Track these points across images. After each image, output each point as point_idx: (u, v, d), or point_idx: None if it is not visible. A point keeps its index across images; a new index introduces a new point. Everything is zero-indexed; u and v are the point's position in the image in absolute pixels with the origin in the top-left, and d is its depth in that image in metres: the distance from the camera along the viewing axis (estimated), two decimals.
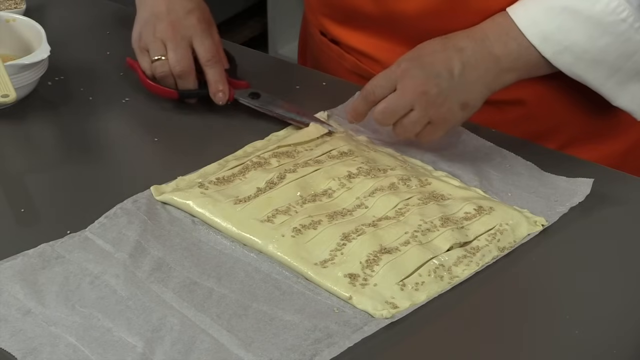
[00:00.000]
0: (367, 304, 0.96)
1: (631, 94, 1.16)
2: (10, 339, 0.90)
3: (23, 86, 1.22)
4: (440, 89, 1.11)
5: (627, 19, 1.10)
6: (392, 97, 1.12)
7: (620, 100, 1.16)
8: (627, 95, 1.16)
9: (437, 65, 1.11)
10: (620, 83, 1.14)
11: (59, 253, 1.00)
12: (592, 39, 1.11)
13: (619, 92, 1.16)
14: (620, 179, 1.17)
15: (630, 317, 0.98)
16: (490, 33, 1.13)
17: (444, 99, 1.11)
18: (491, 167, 1.17)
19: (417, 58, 1.12)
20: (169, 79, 1.22)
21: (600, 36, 1.11)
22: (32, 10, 1.42)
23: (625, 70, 1.13)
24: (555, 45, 1.12)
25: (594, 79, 1.14)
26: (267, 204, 1.06)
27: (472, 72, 1.12)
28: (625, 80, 1.14)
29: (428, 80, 1.11)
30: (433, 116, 1.12)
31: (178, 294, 0.96)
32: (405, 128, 1.13)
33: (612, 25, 1.10)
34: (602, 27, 1.11)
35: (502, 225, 1.06)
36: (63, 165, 1.16)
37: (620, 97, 1.16)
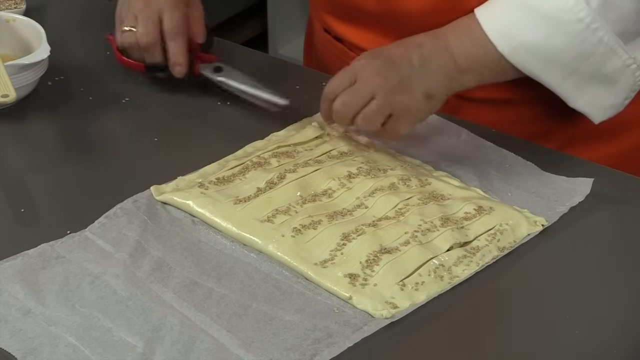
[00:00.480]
0: (367, 304, 0.96)
1: (588, 97, 1.14)
2: (10, 339, 0.90)
3: (23, 86, 1.22)
4: (400, 77, 1.10)
5: (584, 19, 1.08)
6: (352, 88, 1.11)
7: (578, 102, 1.15)
8: (584, 98, 1.14)
9: (396, 58, 1.11)
10: (577, 84, 1.13)
11: (59, 253, 1.00)
12: (547, 38, 1.10)
13: (576, 94, 1.14)
14: (620, 179, 1.17)
15: (630, 317, 0.98)
16: (449, 32, 1.12)
17: (406, 86, 1.10)
18: (491, 167, 1.17)
19: (376, 53, 1.12)
20: (137, 52, 1.24)
21: (556, 35, 1.09)
22: (32, 10, 1.42)
23: (582, 72, 1.12)
24: (512, 41, 1.10)
25: (550, 78, 1.13)
26: (267, 204, 1.06)
27: (431, 64, 1.11)
28: (582, 83, 1.13)
29: (388, 69, 1.10)
30: (395, 105, 1.10)
31: (178, 294, 0.96)
32: (367, 118, 1.11)
33: (568, 24, 1.09)
34: (558, 26, 1.09)
35: (502, 225, 1.06)
36: (63, 165, 1.16)
37: (577, 99, 1.15)
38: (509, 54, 1.11)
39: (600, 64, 1.11)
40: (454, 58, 1.11)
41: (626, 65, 1.12)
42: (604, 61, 1.11)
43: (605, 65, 1.11)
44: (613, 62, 1.11)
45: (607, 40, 1.09)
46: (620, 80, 1.13)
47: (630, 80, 1.14)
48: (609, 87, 1.14)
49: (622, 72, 1.12)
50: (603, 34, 1.09)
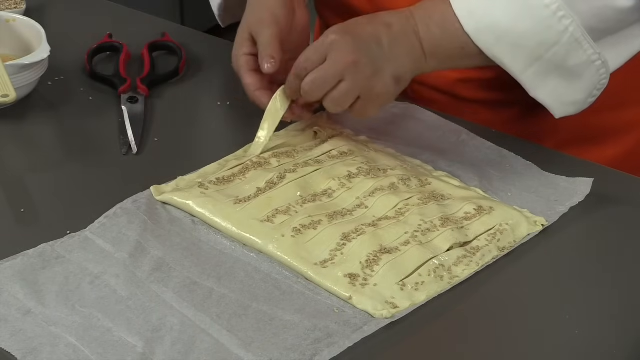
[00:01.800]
0: (367, 304, 0.96)
1: (550, 88, 1.13)
2: (10, 339, 0.90)
3: (23, 86, 1.22)
4: (370, 59, 1.08)
5: (551, 5, 1.07)
6: (322, 67, 1.09)
7: (539, 92, 1.13)
8: (546, 89, 1.13)
9: (366, 37, 1.09)
10: (540, 74, 1.11)
11: (59, 253, 1.00)
12: (514, 21, 1.08)
13: (537, 83, 1.12)
14: (620, 179, 1.17)
15: (630, 317, 0.98)
16: (416, 14, 1.11)
17: (375, 69, 1.09)
18: (491, 167, 1.17)
19: (346, 30, 1.10)
20: None
21: (522, 18, 1.08)
22: (32, 10, 1.42)
23: (545, 61, 1.10)
24: (479, 22, 1.09)
25: (513, 64, 1.11)
26: (267, 204, 1.06)
27: (398, 47, 1.10)
28: (544, 72, 1.11)
29: (358, 50, 1.08)
30: (363, 88, 1.09)
31: (178, 294, 0.96)
32: (336, 101, 1.10)
33: (535, 9, 1.08)
34: (526, 9, 1.08)
35: (502, 225, 1.06)
36: (63, 165, 1.16)
37: (538, 89, 1.13)
38: (474, 35, 1.09)
39: (564, 54, 1.10)
40: (420, 42, 1.10)
41: (591, 61, 1.10)
42: (568, 52, 1.09)
43: (569, 57, 1.10)
44: (578, 54, 1.10)
45: (573, 30, 1.08)
46: (584, 75, 1.12)
47: (595, 78, 1.12)
48: (572, 82, 1.12)
49: (586, 67, 1.11)
50: (569, 24, 1.08)
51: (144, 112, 1.23)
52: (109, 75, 1.29)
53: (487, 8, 1.09)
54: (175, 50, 1.35)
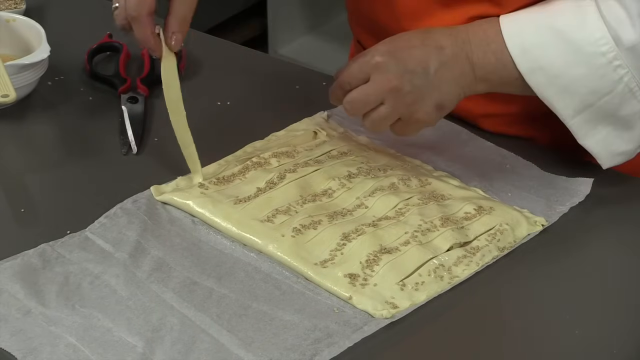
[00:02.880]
0: (367, 304, 0.96)
1: (599, 137, 1.10)
2: (10, 339, 0.90)
3: (23, 86, 1.22)
4: (413, 86, 1.07)
5: (607, 54, 1.05)
6: (363, 88, 1.08)
7: (587, 140, 1.11)
8: (595, 137, 1.10)
9: (413, 62, 1.07)
10: (589, 121, 1.09)
11: (59, 253, 1.00)
12: (568, 65, 1.07)
13: (586, 131, 1.10)
14: (620, 179, 1.17)
15: (630, 317, 0.98)
16: (473, 38, 1.09)
17: (416, 97, 1.07)
18: (491, 167, 1.17)
19: (394, 52, 1.08)
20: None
21: (576, 64, 1.06)
22: (32, 10, 1.42)
23: (596, 109, 1.08)
24: (532, 62, 1.07)
25: (563, 108, 1.09)
26: (267, 204, 1.06)
27: (447, 72, 1.08)
28: (594, 120, 1.09)
29: (401, 76, 1.07)
30: (404, 114, 1.08)
31: (178, 294, 0.96)
32: (374, 122, 1.09)
33: (590, 56, 1.06)
34: (581, 55, 1.06)
35: (502, 225, 1.06)
36: (63, 165, 1.16)
37: (587, 136, 1.11)
38: (526, 74, 1.08)
39: (617, 104, 1.08)
40: (473, 68, 1.09)
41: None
42: (622, 102, 1.07)
43: (621, 107, 1.08)
44: (631, 105, 1.08)
45: (628, 81, 1.06)
46: (636, 126, 1.09)
47: None
48: (623, 132, 1.10)
49: (638, 117, 1.09)
50: (624, 74, 1.06)
51: (144, 112, 1.23)
52: (109, 75, 1.29)
53: (541, 49, 1.07)
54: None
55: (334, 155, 1.15)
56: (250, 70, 1.29)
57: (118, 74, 1.29)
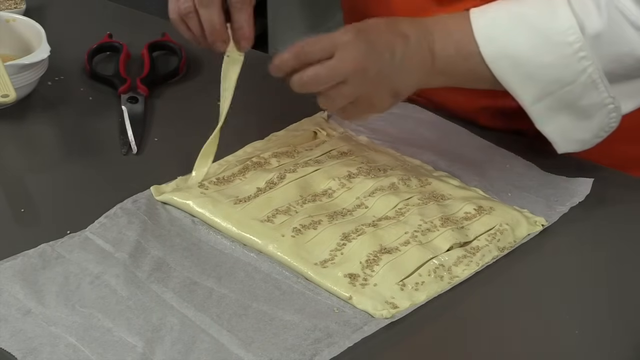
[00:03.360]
0: (367, 304, 0.96)
1: (558, 125, 1.10)
2: (10, 339, 0.90)
3: (23, 86, 1.22)
4: (378, 69, 1.05)
5: (574, 44, 1.05)
6: (329, 64, 1.05)
7: (546, 127, 1.11)
8: (554, 125, 1.10)
9: (381, 45, 1.06)
10: (549, 109, 1.09)
11: (59, 253, 1.00)
12: (535, 53, 1.06)
13: (546, 118, 1.10)
14: (620, 179, 1.17)
15: (630, 317, 0.98)
16: (435, 28, 1.09)
17: (378, 80, 1.06)
18: (491, 167, 1.17)
19: (364, 31, 1.07)
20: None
21: (542, 52, 1.06)
22: (32, 10, 1.42)
23: (558, 98, 1.08)
24: (497, 49, 1.07)
25: (524, 95, 1.09)
26: (267, 204, 1.06)
27: (409, 61, 1.07)
28: (554, 108, 1.09)
29: (369, 57, 1.05)
30: (361, 96, 1.07)
31: (178, 294, 0.96)
32: (331, 100, 1.06)
33: (558, 45, 1.06)
34: (548, 45, 1.06)
35: (502, 225, 1.06)
36: (63, 165, 1.16)
37: (546, 123, 1.10)
38: (490, 60, 1.07)
39: (578, 94, 1.07)
40: (433, 60, 1.08)
41: (604, 104, 1.08)
42: (583, 93, 1.07)
43: (582, 98, 1.08)
44: (591, 96, 1.08)
45: (591, 72, 1.06)
46: (594, 116, 1.09)
47: (605, 120, 1.10)
48: (581, 121, 1.10)
49: (598, 109, 1.09)
50: (588, 65, 1.06)
51: (144, 112, 1.23)
52: (109, 75, 1.29)
53: (508, 36, 1.07)
54: (175, 50, 1.35)
55: (334, 155, 1.15)
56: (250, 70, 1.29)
57: (118, 74, 1.29)
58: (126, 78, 1.27)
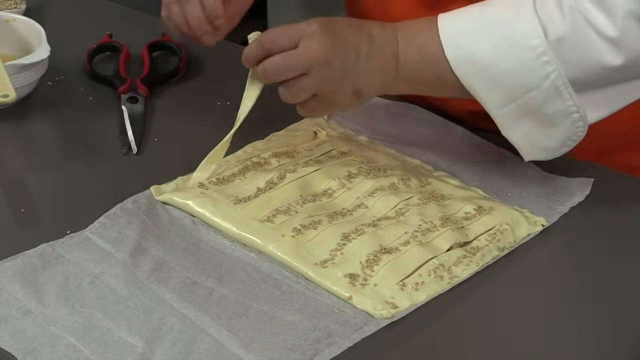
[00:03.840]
0: (367, 304, 0.96)
1: (523, 131, 1.09)
2: (10, 339, 0.90)
3: (23, 86, 1.22)
4: (342, 65, 1.05)
5: (537, 48, 1.03)
6: (292, 53, 1.04)
7: (511, 133, 1.09)
8: (519, 131, 1.09)
9: (347, 41, 1.05)
10: (514, 115, 1.07)
11: (59, 253, 1.00)
12: (496, 56, 1.05)
13: (510, 123, 1.08)
14: (620, 179, 1.17)
15: (630, 317, 0.98)
16: (400, 35, 1.08)
17: (342, 76, 1.05)
18: (491, 167, 1.17)
19: (331, 25, 1.06)
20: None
21: (505, 56, 1.05)
22: (32, 10, 1.42)
23: (522, 104, 1.06)
24: (461, 52, 1.06)
25: (490, 100, 1.07)
26: (267, 204, 1.06)
27: (373, 62, 1.06)
28: (519, 114, 1.07)
29: (334, 50, 1.05)
30: (324, 90, 1.06)
31: (178, 294, 0.96)
32: (291, 91, 1.06)
33: (520, 49, 1.04)
34: (512, 48, 1.04)
35: (502, 225, 1.06)
36: (63, 165, 1.16)
37: (511, 129, 1.09)
38: (454, 64, 1.06)
39: (541, 101, 1.06)
40: (397, 66, 1.07)
41: (569, 112, 1.06)
42: (546, 100, 1.05)
43: (546, 105, 1.06)
44: (555, 103, 1.06)
45: (554, 78, 1.04)
46: (559, 125, 1.07)
47: (570, 129, 1.08)
48: (546, 129, 1.08)
49: (563, 117, 1.07)
50: (551, 70, 1.04)
51: (144, 112, 1.23)
52: (109, 75, 1.29)
53: (472, 40, 1.06)
54: (175, 50, 1.35)
55: (334, 155, 1.15)
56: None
57: (118, 74, 1.29)
58: (126, 78, 1.27)
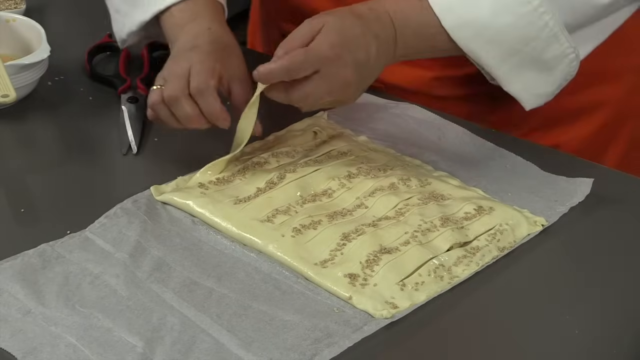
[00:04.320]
0: (367, 304, 0.96)
1: (524, 82, 1.14)
2: (10, 339, 0.90)
3: (23, 86, 1.22)
4: (360, 77, 1.08)
5: (533, 1, 1.08)
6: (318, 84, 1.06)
7: (513, 86, 1.15)
8: (520, 83, 1.14)
9: (360, 53, 1.07)
10: (515, 68, 1.13)
11: (59, 253, 1.00)
12: (494, 16, 1.09)
13: (512, 78, 1.14)
14: (620, 179, 1.17)
15: (630, 317, 0.98)
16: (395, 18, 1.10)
17: (359, 85, 1.09)
18: (491, 167, 1.17)
19: (345, 44, 1.06)
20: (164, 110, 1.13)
21: (502, 14, 1.09)
22: (32, 10, 1.42)
23: (522, 56, 1.12)
24: (458, 18, 1.10)
25: (490, 59, 1.12)
26: (267, 204, 1.06)
27: (379, 59, 1.09)
28: (520, 66, 1.13)
29: (354, 70, 1.07)
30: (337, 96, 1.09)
31: (178, 294, 0.96)
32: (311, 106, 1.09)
33: (516, 5, 1.09)
34: (506, 6, 1.09)
35: (502, 225, 1.06)
36: (63, 165, 1.16)
37: (513, 83, 1.15)
38: (452, 31, 1.10)
39: (541, 49, 1.11)
40: (395, 49, 1.10)
41: (565, 54, 1.12)
42: (546, 47, 1.11)
43: (546, 51, 1.12)
44: (554, 48, 1.11)
45: (553, 25, 1.09)
46: (557, 68, 1.14)
47: (566, 70, 1.14)
48: (545, 74, 1.14)
49: (560, 60, 1.13)
50: (549, 19, 1.09)
51: (144, 112, 1.23)
52: (109, 75, 1.29)
53: (468, 5, 1.10)
54: None
55: (334, 155, 1.15)
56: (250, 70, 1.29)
57: (118, 74, 1.29)
58: (126, 78, 1.27)
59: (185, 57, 1.13)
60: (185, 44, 1.15)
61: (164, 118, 1.12)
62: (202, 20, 1.18)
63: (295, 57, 1.04)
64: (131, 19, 1.24)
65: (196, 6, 1.19)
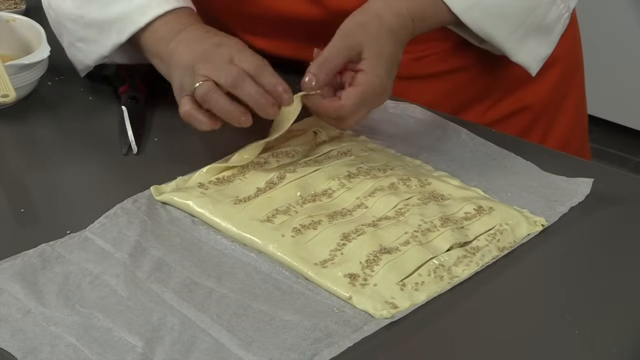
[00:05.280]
0: (367, 304, 0.96)
1: (529, 49, 1.20)
2: (10, 339, 0.90)
3: (23, 86, 1.22)
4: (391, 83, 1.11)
5: None
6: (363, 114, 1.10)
7: (519, 55, 1.20)
8: (526, 51, 1.20)
9: (396, 68, 1.11)
10: (521, 38, 1.18)
11: (59, 253, 1.00)
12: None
13: (519, 48, 1.19)
14: (620, 179, 1.17)
15: (630, 317, 0.98)
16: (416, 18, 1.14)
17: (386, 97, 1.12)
18: (491, 167, 1.17)
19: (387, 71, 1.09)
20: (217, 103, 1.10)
21: None
22: (32, 10, 1.42)
23: (526, 25, 1.17)
24: (465, 1, 1.15)
25: (498, 33, 1.18)
26: (267, 204, 1.06)
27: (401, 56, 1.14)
28: (525, 36, 1.18)
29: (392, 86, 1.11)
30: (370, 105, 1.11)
31: (178, 294, 0.96)
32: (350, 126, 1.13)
33: None
34: None
35: (502, 225, 1.06)
36: (63, 165, 1.16)
37: (519, 52, 1.20)
38: (462, 14, 1.15)
39: (543, 15, 1.18)
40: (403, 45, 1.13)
41: (561, 14, 1.19)
42: (546, 12, 1.18)
43: (546, 17, 1.18)
44: (552, 12, 1.18)
45: None
46: (555, 29, 1.20)
47: (561, 29, 1.21)
48: (546, 38, 1.20)
49: (557, 21, 1.19)
50: None
51: (144, 112, 1.23)
52: (109, 75, 1.29)
53: None
54: None
55: (334, 155, 1.15)
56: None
57: (118, 74, 1.29)
58: (126, 78, 1.27)
59: (218, 49, 1.10)
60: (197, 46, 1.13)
61: (218, 108, 1.08)
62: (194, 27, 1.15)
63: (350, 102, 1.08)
64: (101, 44, 1.21)
65: (182, 18, 1.17)
